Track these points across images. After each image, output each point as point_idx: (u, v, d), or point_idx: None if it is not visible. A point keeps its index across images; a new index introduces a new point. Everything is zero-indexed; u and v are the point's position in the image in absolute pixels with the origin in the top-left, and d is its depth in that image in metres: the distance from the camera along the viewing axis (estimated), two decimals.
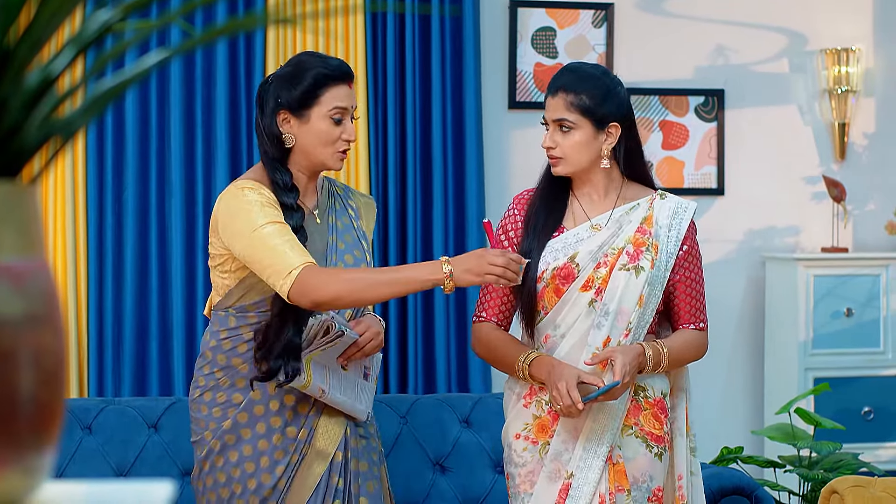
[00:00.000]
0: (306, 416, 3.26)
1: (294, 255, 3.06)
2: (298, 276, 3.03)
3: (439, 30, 5.29)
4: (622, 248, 3.28)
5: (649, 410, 3.30)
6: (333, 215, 3.36)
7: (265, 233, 3.09)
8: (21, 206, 0.90)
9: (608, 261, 3.27)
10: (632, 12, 5.67)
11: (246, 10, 5.13)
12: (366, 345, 3.28)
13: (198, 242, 5.05)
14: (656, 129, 5.69)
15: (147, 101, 5.06)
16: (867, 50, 5.85)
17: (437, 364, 5.22)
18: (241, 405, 3.24)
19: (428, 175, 5.29)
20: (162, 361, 5.04)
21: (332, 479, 3.25)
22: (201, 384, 3.29)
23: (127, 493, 1.01)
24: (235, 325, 3.25)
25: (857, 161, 5.88)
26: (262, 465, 3.23)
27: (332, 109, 3.20)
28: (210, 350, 3.29)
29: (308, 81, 3.21)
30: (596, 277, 3.26)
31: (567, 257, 3.28)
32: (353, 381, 3.31)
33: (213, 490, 3.26)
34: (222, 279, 3.26)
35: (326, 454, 3.26)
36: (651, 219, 3.33)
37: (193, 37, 0.97)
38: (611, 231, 3.31)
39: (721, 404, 5.77)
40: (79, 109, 0.94)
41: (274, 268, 3.06)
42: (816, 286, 5.53)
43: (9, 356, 0.87)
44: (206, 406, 3.28)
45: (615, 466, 3.25)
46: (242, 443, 3.24)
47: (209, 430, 3.26)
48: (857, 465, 4.83)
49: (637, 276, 3.27)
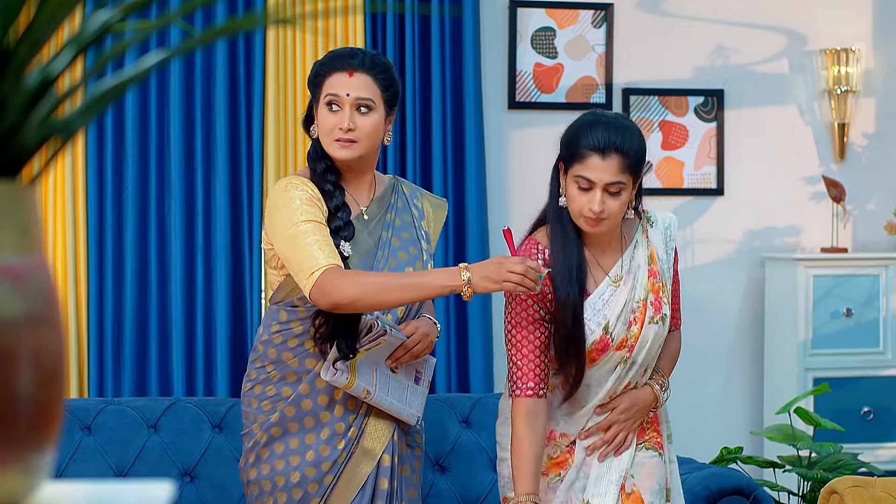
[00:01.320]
0: (356, 414, 3.26)
1: (321, 256, 3.07)
2: (320, 277, 3.04)
3: (439, 30, 5.29)
4: (644, 298, 3.22)
5: (651, 426, 3.32)
6: (394, 212, 3.35)
7: (299, 231, 3.11)
8: (20, 206, 0.90)
9: (637, 318, 3.22)
10: (631, 12, 5.67)
11: (245, 11, 5.13)
12: (413, 346, 3.27)
13: (197, 242, 5.05)
14: (656, 129, 5.69)
15: (147, 101, 5.06)
16: (867, 50, 5.86)
17: (437, 364, 5.22)
18: (289, 399, 3.25)
19: (428, 175, 5.29)
20: (161, 362, 5.04)
21: (380, 482, 3.26)
22: (252, 377, 3.32)
23: (127, 494, 1.01)
24: (286, 320, 3.26)
25: (857, 161, 5.88)
26: (306, 458, 3.23)
27: (326, 97, 3.22)
28: (262, 344, 3.30)
29: (314, 70, 3.27)
30: (629, 336, 3.21)
31: (601, 328, 3.18)
32: (403, 384, 3.30)
33: (257, 482, 3.28)
34: (273, 274, 3.29)
35: (374, 454, 3.26)
36: (654, 256, 3.27)
37: (193, 37, 0.97)
38: (629, 285, 3.22)
39: (720, 404, 5.77)
40: (78, 109, 0.94)
41: (301, 265, 3.08)
42: (816, 286, 5.53)
43: (8, 356, 0.87)
44: (256, 399, 3.29)
45: (630, 496, 3.23)
46: (289, 436, 3.25)
47: (257, 423, 3.28)
48: (856, 466, 4.83)
49: (664, 324, 3.26)
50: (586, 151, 3.05)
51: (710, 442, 5.52)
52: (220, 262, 5.05)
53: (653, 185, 5.61)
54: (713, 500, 3.98)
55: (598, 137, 3.05)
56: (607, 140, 3.05)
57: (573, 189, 3.09)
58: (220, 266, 5.05)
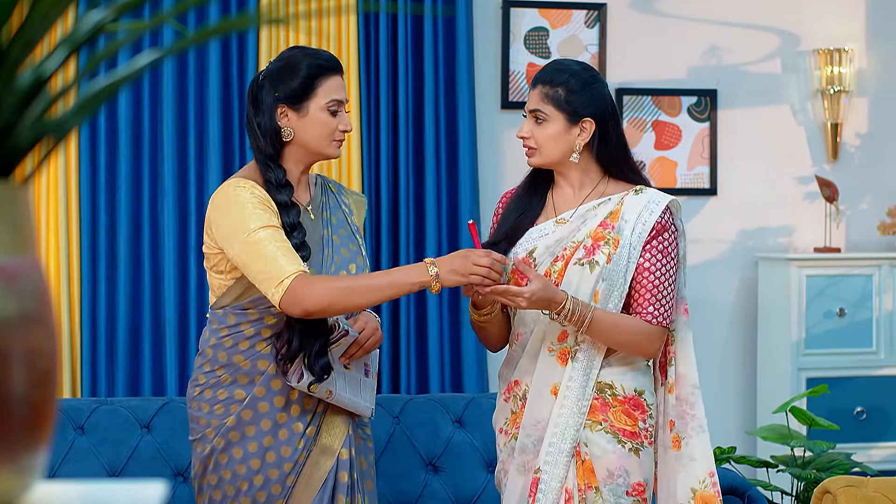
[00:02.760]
0: (312, 412, 3.26)
1: (286, 263, 3.07)
2: (289, 286, 3.04)
3: (432, 30, 5.29)
4: (580, 241, 3.29)
5: (619, 407, 3.30)
6: (328, 211, 3.36)
7: (257, 238, 3.09)
8: (13, 205, 0.90)
9: (565, 255, 3.28)
10: (624, 12, 5.68)
11: (238, 11, 5.13)
12: (366, 342, 3.28)
13: (190, 242, 5.05)
14: (649, 129, 5.70)
15: (140, 101, 5.06)
16: (860, 50, 5.86)
17: (429, 364, 5.22)
18: (244, 402, 3.23)
19: (421, 175, 5.29)
20: (155, 361, 5.04)
21: (341, 476, 3.26)
22: (201, 382, 3.29)
23: (119, 494, 1.01)
24: (236, 323, 3.24)
25: (850, 161, 5.89)
26: (268, 460, 3.23)
27: (329, 101, 3.22)
28: (211, 348, 3.28)
29: (303, 74, 3.22)
30: (552, 272, 3.27)
31: (526, 252, 3.30)
32: (357, 378, 3.31)
33: (218, 487, 3.26)
34: (218, 279, 3.26)
35: (332, 450, 3.27)
36: (618, 213, 3.31)
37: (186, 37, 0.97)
38: (573, 226, 3.31)
39: (714, 404, 5.77)
40: (71, 109, 0.94)
41: (266, 275, 3.07)
42: (809, 286, 5.53)
43: (1, 356, 0.87)
44: (206, 404, 3.27)
45: (584, 464, 3.26)
46: (247, 440, 3.24)
47: (211, 428, 3.26)
48: (849, 465, 4.83)
49: (591, 270, 3.26)
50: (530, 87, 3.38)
51: None
52: None
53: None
54: None
55: (536, 73, 3.37)
56: (538, 73, 3.36)
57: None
58: None
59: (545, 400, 3.29)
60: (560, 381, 3.29)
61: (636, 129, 5.67)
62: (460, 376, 5.27)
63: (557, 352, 3.30)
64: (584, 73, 3.35)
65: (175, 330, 5.02)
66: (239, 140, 5.11)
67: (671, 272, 3.32)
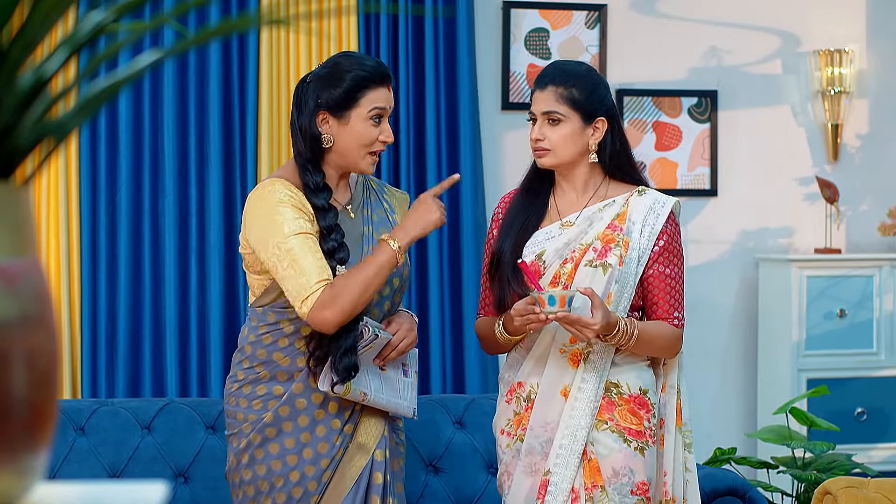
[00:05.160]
0: (350, 410, 3.27)
1: (312, 275, 3.10)
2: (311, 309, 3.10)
3: (433, 31, 5.29)
4: (590, 244, 3.29)
5: (624, 406, 3.31)
6: (369, 208, 3.37)
7: (289, 247, 3.12)
8: (14, 207, 0.90)
9: (574, 257, 3.28)
10: (625, 13, 5.68)
11: (239, 12, 5.13)
12: (399, 343, 3.29)
13: (191, 244, 5.05)
14: (649, 130, 5.70)
15: (140, 102, 5.06)
16: (860, 51, 5.86)
17: (431, 365, 5.22)
18: (282, 398, 3.25)
19: (422, 176, 5.29)
20: (155, 362, 5.03)
21: (375, 477, 3.27)
22: (240, 378, 3.31)
23: (120, 495, 1.01)
24: (275, 321, 3.26)
25: (850, 162, 5.89)
26: (304, 456, 3.24)
27: (372, 110, 3.21)
28: (250, 345, 3.29)
29: (347, 84, 3.20)
30: (562, 274, 3.27)
31: (535, 255, 3.30)
32: (394, 380, 3.32)
33: (252, 483, 3.27)
34: (257, 279, 3.28)
35: (367, 449, 3.28)
36: (625, 215, 3.33)
37: (187, 38, 0.97)
38: (580, 228, 3.32)
39: (714, 405, 5.77)
40: (72, 110, 0.94)
41: (293, 288, 3.12)
42: (809, 287, 5.53)
43: (1, 357, 0.87)
44: (245, 399, 3.29)
45: (590, 463, 3.27)
46: (284, 436, 3.25)
47: (248, 423, 3.27)
48: (850, 466, 4.83)
49: (605, 272, 3.27)
50: (533, 89, 3.38)
51: (703, 443, 5.52)
52: (214, 263, 5.05)
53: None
54: (707, 500, 3.98)
55: (541, 74, 3.36)
56: (545, 74, 3.35)
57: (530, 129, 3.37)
58: (213, 267, 5.05)
59: (555, 402, 3.29)
60: (570, 383, 3.29)
61: (637, 129, 5.67)
62: (462, 377, 5.27)
63: (569, 353, 3.30)
64: (593, 74, 3.39)
65: (175, 331, 5.02)
66: (239, 140, 5.12)
67: (682, 273, 3.39)
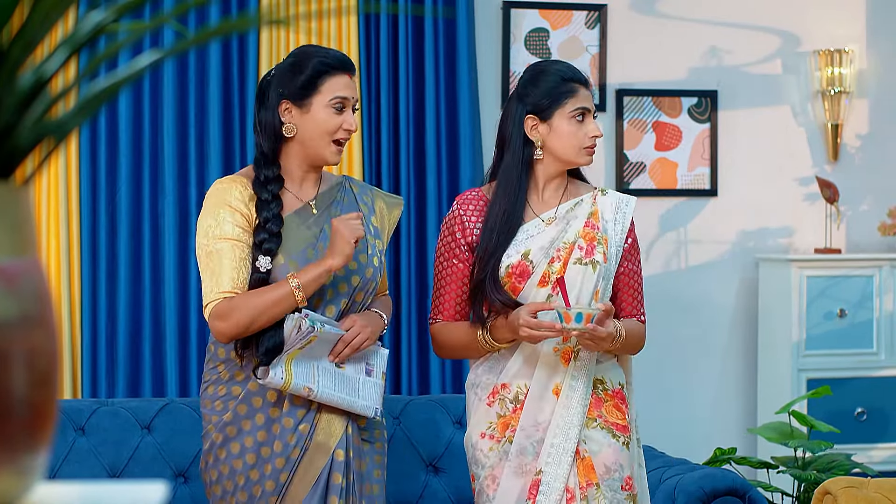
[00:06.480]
0: (307, 409, 3.26)
1: (223, 283, 3.17)
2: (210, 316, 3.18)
3: (433, 31, 5.29)
4: (573, 242, 3.32)
5: (610, 402, 3.33)
6: (339, 208, 3.36)
7: (215, 248, 3.19)
8: (14, 206, 0.90)
9: (561, 255, 3.30)
10: (625, 13, 5.68)
11: (239, 12, 5.13)
12: (352, 339, 3.26)
13: (190, 244, 5.05)
14: (649, 130, 5.69)
15: (140, 102, 5.06)
16: (860, 51, 5.86)
17: (430, 365, 5.22)
18: (239, 397, 3.26)
19: (422, 176, 5.29)
20: (155, 362, 5.03)
21: (334, 478, 3.25)
22: (206, 378, 3.34)
23: (120, 495, 1.01)
24: None
25: (850, 162, 5.89)
26: (263, 455, 3.24)
27: (333, 99, 3.24)
28: (213, 344, 3.33)
29: (308, 71, 3.24)
30: (551, 272, 3.29)
31: (520, 254, 3.30)
32: (353, 378, 3.29)
33: (218, 483, 3.29)
34: None
35: (327, 448, 3.26)
36: (597, 214, 3.37)
37: (187, 38, 0.97)
38: (559, 227, 3.34)
39: (714, 405, 5.77)
40: (72, 110, 0.94)
41: (206, 285, 3.21)
42: (809, 287, 5.53)
43: (2, 357, 0.87)
44: (209, 400, 3.32)
45: (583, 461, 3.27)
46: (243, 434, 3.26)
47: (212, 424, 3.30)
48: (850, 466, 4.83)
49: (594, 270, 3.30)
50: (572, 85, 3.30)
51: (703, 443, 5.52)
52: None
53: (646, 185, 5.61)
54: (707, 500, 3.98)
55: (571, 71, 3.33)
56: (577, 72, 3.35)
57: (570, 126, 3.30)
58: None
59: (547, 401, 3.30)
60: (562, 381, 3.30)
61: (636, 129, 5.67)
62: (461, 377, 5.26)
63: (561, 352, 3.31)
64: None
65: (175, 330, 5.02)
66: (239, 141, 5.11)
67: (641, 270, 3.47)
